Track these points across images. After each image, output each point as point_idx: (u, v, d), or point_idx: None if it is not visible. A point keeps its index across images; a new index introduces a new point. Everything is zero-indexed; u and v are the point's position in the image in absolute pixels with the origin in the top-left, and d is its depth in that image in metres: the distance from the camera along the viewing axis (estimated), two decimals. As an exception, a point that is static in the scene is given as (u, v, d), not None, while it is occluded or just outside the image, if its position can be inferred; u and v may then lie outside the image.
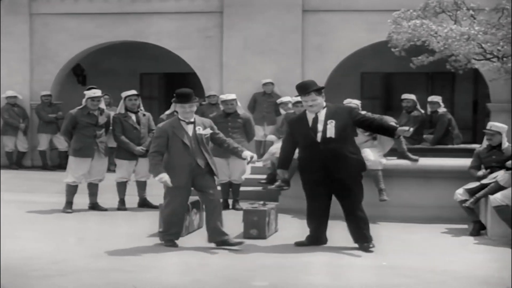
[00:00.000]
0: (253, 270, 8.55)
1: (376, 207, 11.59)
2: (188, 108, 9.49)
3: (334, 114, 9.39)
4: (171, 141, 9.45)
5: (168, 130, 9.48)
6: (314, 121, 9.40)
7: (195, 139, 9.51)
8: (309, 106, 9.46)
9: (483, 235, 10.48)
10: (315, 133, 9.34)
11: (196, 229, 10.84)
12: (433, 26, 13.28)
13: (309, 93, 9.43)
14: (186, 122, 9.52)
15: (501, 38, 12.87)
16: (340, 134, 9.30)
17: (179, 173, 9.44)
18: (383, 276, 8.38)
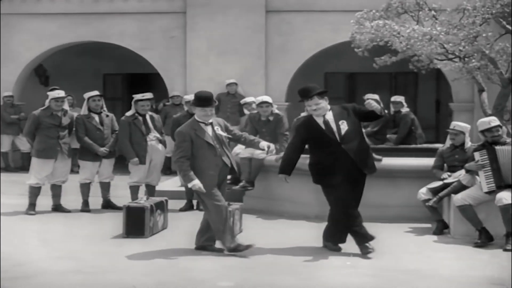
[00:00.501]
0: (218, 271, 8.54)
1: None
2: (209, 112, 9.29)
3: (341, 114, 9.31)
4: (195, 144, 9.17)
5: (191, 133, 9.18)
6: (326, 123, 9.25)
7: (217, 139, 9.32)
8: (313, 110, 9.32)
9: (446, 234, 10.55)
10: (332, 134, 9.20)
11: (160, 230, 10.81)
12: (396, 26, 13.34)
13: (312, 97, 9.32)
14: (205, 124, 9.30)
15: (462, 38, 12.96)
16: (355, 132, 9.26)
17: (210, 175, 9.21)
18: (347, 275, 8.40)
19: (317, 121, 9.30)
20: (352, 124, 9.25)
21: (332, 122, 9.22)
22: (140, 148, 12.42)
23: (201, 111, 9.27)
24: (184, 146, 9.14)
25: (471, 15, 13.27)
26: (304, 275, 8.42)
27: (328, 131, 9.19)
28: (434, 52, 13.06)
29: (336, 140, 9.16)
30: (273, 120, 12.76)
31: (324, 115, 9.28)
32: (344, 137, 9.16)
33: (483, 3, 13.26)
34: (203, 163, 9.16)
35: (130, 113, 12.54)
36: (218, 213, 9.22)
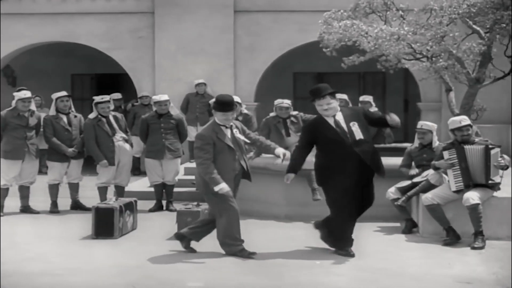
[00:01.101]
0: (187, 271, 8.54)
1: (310, 207, 11.67)
2: (230, 116, 9.16)
3: (351, 116, 9.20)
4: (217, 147, 9.04)
5: (212, 136, 9.06)
6: (337, 124, 9.14)
7: (236, 142, 9.21)
8: (324, 110, 9.15)
9: (415, 233, 10.61)
10: (344, 135, 9.07)
11: (129, 230, 10.78)
12: (364, 26, 13.38)
13: (324, 96, 9.15)
14: (225, 127, 9.18)
15: (430, 38, 13.03)
16: (365, 134, 9.14)
17: (227, 178, 9.07)
18: (315, 275, 8.43)
19: (328, 121, 9.16)
20: (363, 126, 9.15)
21: (343, 123, 9.11)
22: (107, 150, 12.39)
23: (222, 116, 9.12)
24: (207, 149, 9.00)
25: (438, 15, 13.34)
26: (274, 274, 8.43)
27: (341, 131, 9.07)
28: (401, 52, 13.12)
29: (348, 141, 9.03)
30: (242, 120, 12.74)
31: (334, 115, 9.16)
32: (355, 139, 9.04)
33: (450, 3, 13.35)
34: (221, 167, 9.02)
35: (93, 116, 12.51)
36: (230, 217, 9.13)
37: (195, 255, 9.29)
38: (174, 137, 12.79)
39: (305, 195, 11.70)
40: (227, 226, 9.17)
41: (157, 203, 12.81)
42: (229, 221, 9.16)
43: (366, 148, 9.08)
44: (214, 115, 9.25)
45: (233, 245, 9.21)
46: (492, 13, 13.25)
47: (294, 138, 12.24)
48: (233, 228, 9.20)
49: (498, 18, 13.17)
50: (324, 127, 9.15)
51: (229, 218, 9.15)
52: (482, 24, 13.59)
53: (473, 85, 13.50)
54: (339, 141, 9.03)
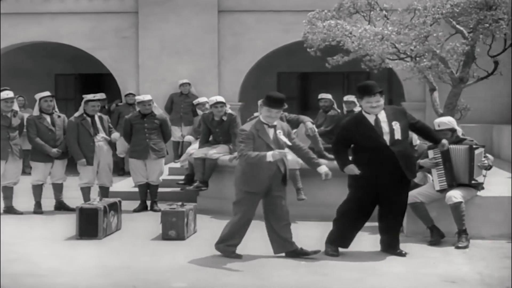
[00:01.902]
0: (172, 272, 8.53)
1: (294, 206, 11.65)
2: (274, 114, 8.95)
3: (394, 115, 9.13)
4: (255, 143, 8.89)
5: (253, 132, 8.91)
6: (376, 122, 9.06)
7: (277, 143, 9.01)
8: (372, 108, 9.07)
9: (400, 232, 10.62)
10: (382, 135, 8.99)
11: (114, 231, 10.76)
12: (348, 26, 13.40)
13: (375, 94, 9.10)
14: (268, 126, 9.02)
15: (413, 38, 13.06)
16: (404, 135, 9.08)
17: (261, 178, 8.95)
18: (300, 274, 8.44)
19: (368, 119, 9.09)
20: (404, 127, 9.08)
21: (384, 122, 9.04)
22: (87, 149, 12.38)
23: (267, 111, 8.95)
24: (247, 142, 8.86)
25: (422, 15, 13.38)
26: (259, 274, 8.43)
27: (378, 130, 9.00)
28: (385, 52, 13.14)
29: (384, 141, 8.96)
30: (227, 120, 12.75)
31: (377, 114, 9.10)
32: (394, 138, 8.97)
33: (433, 4, 13.38)
34: (256, 166, 8.89)
35: (78, 114, 12.51)
36: (240, 217, 9.11)
37: (180, 255, 9.28)
38: (158, 137, 12.78)
39: (289, 195, 11.66)
40: (234, 228, 9.15)
41: (141, 204, 12.79)
42: (239, 224, 9.12)
43: (402, 149, 9.00)
44: (260, 110, 9.17)
45: (228, 245, 9.19)
46: (475, 13, 13.30)
47: (279, 137, 12.24)
48: (239, 231, 9.16)
49: (481, 18, 13.22)
50: (364, 125, 9.09)
51: (237, 221, 9.11)
52: (465, 24, 13.63)
53: (456, 85, 13.54)
54: (376, 139, 8.99)
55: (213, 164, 12.52)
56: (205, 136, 12.96)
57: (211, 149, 12.63)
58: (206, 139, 12.94)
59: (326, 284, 8.08)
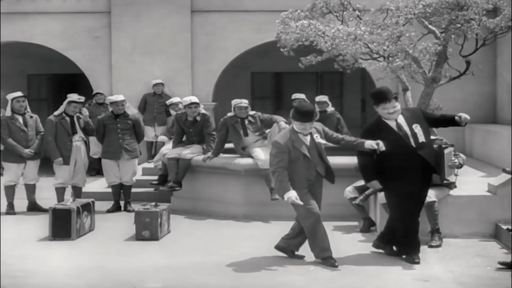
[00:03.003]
0: (146, 272, 8.51)
1: (268, 206, 11.70)
2: (308, 127, 8.81)
3: (412, 118, 8.96)
4: (292, 155, 8.74)
5: (288, 144, 8.74)
6: (399, 127, 8.89)
7: (315, 148, 8.88)
8: (389, 114, 8.89)
9: (373, 232, 10.67)
10: (407, 138, 8.84)
11: (87, 232, 10.72)
12: (321, 26, 13.43)
13: (390, 100, 8.89)
14: (303, 134, 8.87)
15: (386, 38, 13.11)
16: (427, 137, 8.96)
17: (300, 187, 8.78)
18: (275, 274, 8.45)
19: (389, 124, 8.93)
20: (425, 128, 8.96)
21: (405, 126, 8.89)
22: (64, 149, 12.33)
23: (300, 125, 8.81)
24: (282, 157, 8.70)
25: (395, 15, 13.43)
26: (233, 275, 8.44)
27: (403, 135, 8.85)
28: (358, 52, 13.18)
29: (411, 145, 8.81)
30: (200, 120, 12.74)
31: (396, 119, 8.94)
32: (418, 143, 8.83)
33: (406, 4, 13.44)
34: (294, 175, 8.76)
35: (58, 113, 12.46)
36: (310, 217, 8.85)
37: (154, 256, 9.28)
38: (131, 138, 12.75)
39: (263, 195, 11.72)
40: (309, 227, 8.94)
41: (115, 204, 12.75)
42: (309, 222, 8.90)
43: (429, 150, 8.93)
44: (293, 123, 8.95)
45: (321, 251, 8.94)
46: (447, 13, 13.37)
47: (252, 137, 12.28)
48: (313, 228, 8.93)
49: (453, 18, 13.30)
50: (386, 131, 8.92)
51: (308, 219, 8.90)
52: (437, 24, 13.71)
53: (429, 85, 13.61)
54: (402, 144, 8.82)
55: (186, 164, 12.51)
56: (178, 136, 12.95)
57: (185, 149, 12.62)
58: (180, 140, 12.93)
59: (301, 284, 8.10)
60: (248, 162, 11.94)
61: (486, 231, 10.25)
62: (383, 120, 8.99)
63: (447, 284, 8.10)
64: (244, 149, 12.27)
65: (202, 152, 12.61)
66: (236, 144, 12.37)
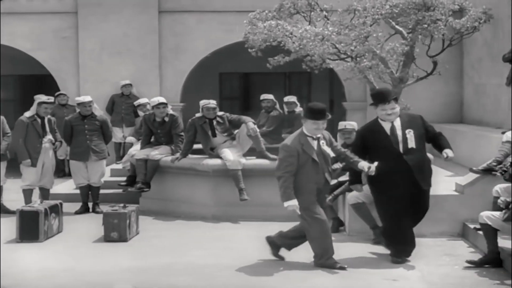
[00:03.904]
0: (115, 274, 8.49)
1: (237, 207, 11.71)
2: (321, 125, 8.69)
3: (409, 122, 8.94)
4: (300, 159, 8.59)
5: (298, 148, 8.60)
6: (392, 130, 8.88)
7: (321, 155, 8.72)
8: (387, 115, 8.87)
9: (342, 232, 10.72)
10: (396, 143, 8.83)
11: (55, 233, 10.66)
12: (288, 26, 13.47)
13: (390, 101, 8.88)
14: (313, 138, 8.73)
15: (354, 38, 13.18)
16: (419, 144, 8.89)
17: (309, 191, 8.66)
18: (245, 275, 8.45)
19: (383, 126, 8.93)
20: (419, 135, 8.91)
21: (399, 130, 8.86)
22: (33, 150, 12.25)
23: (313, 124, 8.66)
24: (290, 161, 8.58)
25: (362, 15, 13.51)
26: (203, 275, 8.44)
27: (393, 139, 8.83)
28: (326, 52, 13.24)
29: (398, 149, 8.78)
30: (168, 121, 12.72)
31: (393, 121, 8.91)
32: (408, 147, 8.79)
33: (373, 4, 13.52)
34: (303, 179, 8.61)
35: (29, 114, 12.36)
36: (318, 227, 8.72)
37: (123, 257, 9.25)
38: (99, 139, 12.69)
39: (232, 195, 11.72)
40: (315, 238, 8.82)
41: (83, 205, 12.69)
42: (316, 232, 8.78)
43: (416, 157, 8.82)
44: (304, 124, 8.82)
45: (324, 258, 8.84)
46: (414, 14, 13.47)
47: (220, 138, 12.27)
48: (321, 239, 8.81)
49: (420, 19, 13.40)
50: (379, 133, 8.92)
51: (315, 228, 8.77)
52: (404, 24, 13.81)
53: (396, 85, 13.69)
54: (389, 148, 8.81)
55: (155, 165, 12.48)
56: (146, 137, 12.92)
57: (153, 150, 12.59)
58: (148, 140, 12.90)
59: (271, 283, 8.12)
60: (217, 162, 11.94)
61: (453, 230, 10.33)
62: (379, 121, 8.99)
63: (416, 283, 8.15)
64: (212, 150, 12.26)
65: (171, 153, 12.58)
66: (204, 145, 12.36)
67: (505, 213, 8.58)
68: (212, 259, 9.16)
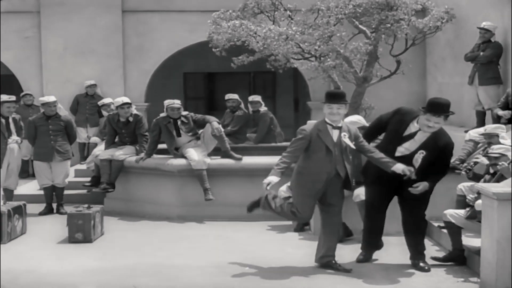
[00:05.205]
0: (80, 275, 8.45)
1: (202, 207, 11.70)
2: (335, 109, 8.41)
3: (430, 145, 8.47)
4: (313, 144, 8.39)
5: (313, 133, 8.41)
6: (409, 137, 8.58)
7: (339, 146, 8.46)
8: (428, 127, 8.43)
9: (307, 231, 10.75)
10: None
11: (19, 235, 10.59)
12: (252, 26, 13.50)
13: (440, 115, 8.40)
14: (332, 126, 8.50)
15: (317, 38, 13.23)
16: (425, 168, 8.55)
17: (315, 180, 8.45)
18: (210, 275, 8.46)
19: (410, 128, 8.57)
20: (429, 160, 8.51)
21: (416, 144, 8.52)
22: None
23: (327, 108, 8.47)
24: (299, 144, 8.44)
25: (325, 15, 13.57)
26: (168, 276, 8.42)
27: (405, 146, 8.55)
28: (290, 52, 13.28)
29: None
30: (133, 121, 12.68)
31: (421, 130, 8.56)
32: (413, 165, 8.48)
33: (336, 4, 13.59)
34: (314, 166, 8.42)
35: (-6, 115, 12.27)
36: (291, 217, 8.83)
37: (87, 258, 9.21)
38: (63, 139, 12.61)
39: (197, 195, 11.71)
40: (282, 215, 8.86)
41: (47, 206, 12.61)
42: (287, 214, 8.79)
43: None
44: (324, 111, 8.61)
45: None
46: (377, 14, 13.56)
47: (185, 138, 12.26)
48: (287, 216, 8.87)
49: (383, 19, 13.48)
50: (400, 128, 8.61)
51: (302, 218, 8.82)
52: (368, 24, 13.90)
53: (360, 84, 13.77)
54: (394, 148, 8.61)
55: (119, 165, 12.44)
56: (111, 137, 12.88)
57: (117, 150, 12.55)
58: (112, 140, 12.86)
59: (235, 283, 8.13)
60: (182, 162, 11.92)
61: (417, 228, 10.38)
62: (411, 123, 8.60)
63: (380, 280, 8.20)
64: (177, 150, 12.24)
65: (135, 153, 12.55)
66: (169, 145, 12.34)
67: (468, 211, 8.68)
68: (177, 260, 9.15)
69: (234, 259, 9.10)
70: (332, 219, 8.70)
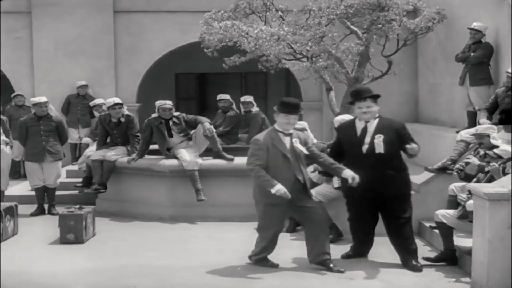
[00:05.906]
0: (71, 276, 8.44)
1: (194, 207, 11.71)
2: (292, 120, 8.57)
3: (384, 128, 8.70)
4: (270, 154, 8.49)
5: (268, 142, 8.52)
6: (362, 131, 8.75)
7: (293, 152, 8.58)
8: (363, 113, 8.75)
9: (299, 231, 10.74)
10: (362, 145, 8.72)
11: (10, 236, 10.58)
12: (244, 27, 13.50)
13: (366, 99, 8.75)
14: (284, 134, 8.62)
15: (309, 38, 13.24)
16: (388, 149, 8.65)
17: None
18: (199, 275, 8.47)
19: (356, 126, 8.81)
20: (390, 141, 8.67)
21: (370, 132, 8.71)
22: None
23: (284, 118, 8.57)
24: (259, 154, 8.49)
25: (317, 16, 13.58)
26: (159, 276, 8.43)
27: (361, 139, 8.72)
28: (282, 52, 13.28)
29: (362, 152, 8.67)
30: (124, 121, 12.68)
31: (367, 121, 8.80)
32: (375, 151, 8.63)
33: (328, 4, 13.59)
34: (274, 175, 8.44)
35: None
36: (272, 232, 8.82)
37: (79, 259, 9.20)
38: (55, 140, 12.60)
39: (189, 196, 11.72)
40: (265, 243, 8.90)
41: (38, 207, 12.60)
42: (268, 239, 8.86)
43: (380, 163, 8.64)
44: (276, 118, 8.72)
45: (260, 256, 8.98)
46: (369, 14, 13.57)
47: (177, 138, 12.26)
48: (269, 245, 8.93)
49: (375, 19, 13.50)
50: (350, 131, 8.85)
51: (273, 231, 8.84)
52: (359, 24, 13.91)
53: (352, 84, 13.78)
54: (355, 149, 8.73)
55: (111, 166, 12.43)
56: (102, 138, 12.88)
57: (109, 151, 12.55)
58: (104, 141, 12.86)
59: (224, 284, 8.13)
60: (173, 163, 11.92)
61: (409, 228, 10.40)
62: (355, 120, 8.90)
63: (372, 281, 8.22)
64: (169, 150, 12.25)
65: (127, 154, 12.55)
66: (160, 145, 12.33)
67: (459, 211, 8.70)
68: (169, 260, 9.16)
69: (226, 259, 9.11)
70: (312, 217, 8.70)
